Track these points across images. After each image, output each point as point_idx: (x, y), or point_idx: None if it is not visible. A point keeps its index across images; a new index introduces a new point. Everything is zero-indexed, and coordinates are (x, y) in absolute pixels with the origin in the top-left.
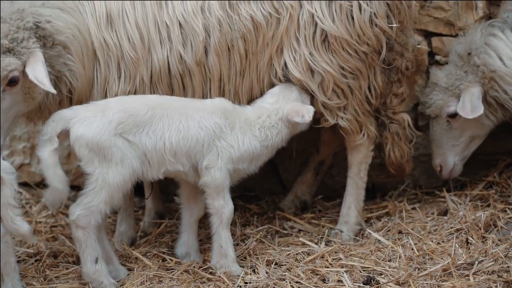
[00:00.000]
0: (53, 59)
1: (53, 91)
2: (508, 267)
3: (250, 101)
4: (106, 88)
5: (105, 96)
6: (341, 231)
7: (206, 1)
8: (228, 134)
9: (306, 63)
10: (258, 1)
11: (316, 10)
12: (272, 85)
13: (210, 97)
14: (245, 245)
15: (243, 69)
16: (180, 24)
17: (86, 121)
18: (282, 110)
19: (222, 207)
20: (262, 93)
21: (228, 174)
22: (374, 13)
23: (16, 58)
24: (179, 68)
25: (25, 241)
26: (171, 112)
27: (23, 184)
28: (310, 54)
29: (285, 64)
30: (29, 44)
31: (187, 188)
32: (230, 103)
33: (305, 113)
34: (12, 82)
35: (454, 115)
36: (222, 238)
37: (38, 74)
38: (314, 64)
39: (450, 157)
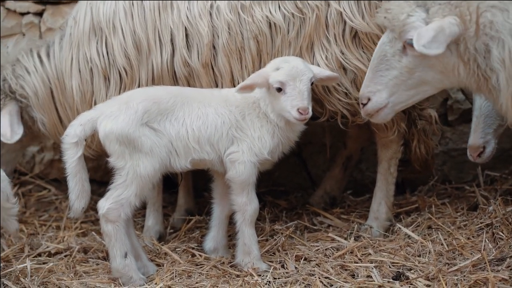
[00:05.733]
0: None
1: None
2: None
3: None
4: (93, 99)
5: (91, 106)
6: (371, 227)
7: (215, 4)
8: (241, 122)
9: (338, 61)
10: (279, 1)
11: (344, 9)
12: None
13: None
14: (274, 240)
15: (256, 69)
16: (185, 27)
17: (112, 116)
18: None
19: (245, 205)
20: None
21: (255, 168)
22: None
23: None
24: (184, 71)
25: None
26: (190, 100)
27: (53, 180)
28: (341, 52)
29: (318, 64)
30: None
31: (220, 183)
32: None
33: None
34: None
35: None
36: (246, 235)
37: None
38: (346, 62)
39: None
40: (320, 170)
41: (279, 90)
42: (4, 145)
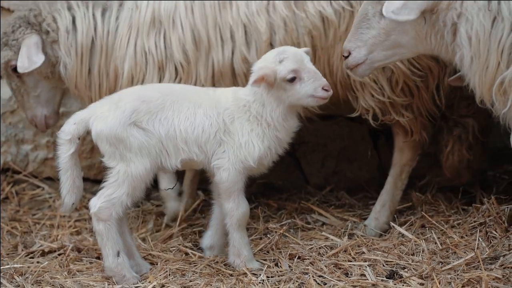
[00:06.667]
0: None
1: None
2: None
3: None
4: None
5: None
6: (365, 225)
7: (270, 1)
8: (229, 126)
9: None
10: None
11: None
12: (345, 78)
13: None
14: (268, 239)
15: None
16: (244, 24)
17: (102, 116)
18: None
19: (232, 210)
20: (334, 87)
21: (240, 175)
22: None
23: None
24: (244, 68)
25: None
26: (181, 99)
27: (47, 179)
28: None
29: None
30: None
31: None
32: (235, 90)
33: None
34: None
35: None
36: (235, 238)
37: None
38: None
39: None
40: (313, 169)
41: (293, 80)
42: (38, 85)
